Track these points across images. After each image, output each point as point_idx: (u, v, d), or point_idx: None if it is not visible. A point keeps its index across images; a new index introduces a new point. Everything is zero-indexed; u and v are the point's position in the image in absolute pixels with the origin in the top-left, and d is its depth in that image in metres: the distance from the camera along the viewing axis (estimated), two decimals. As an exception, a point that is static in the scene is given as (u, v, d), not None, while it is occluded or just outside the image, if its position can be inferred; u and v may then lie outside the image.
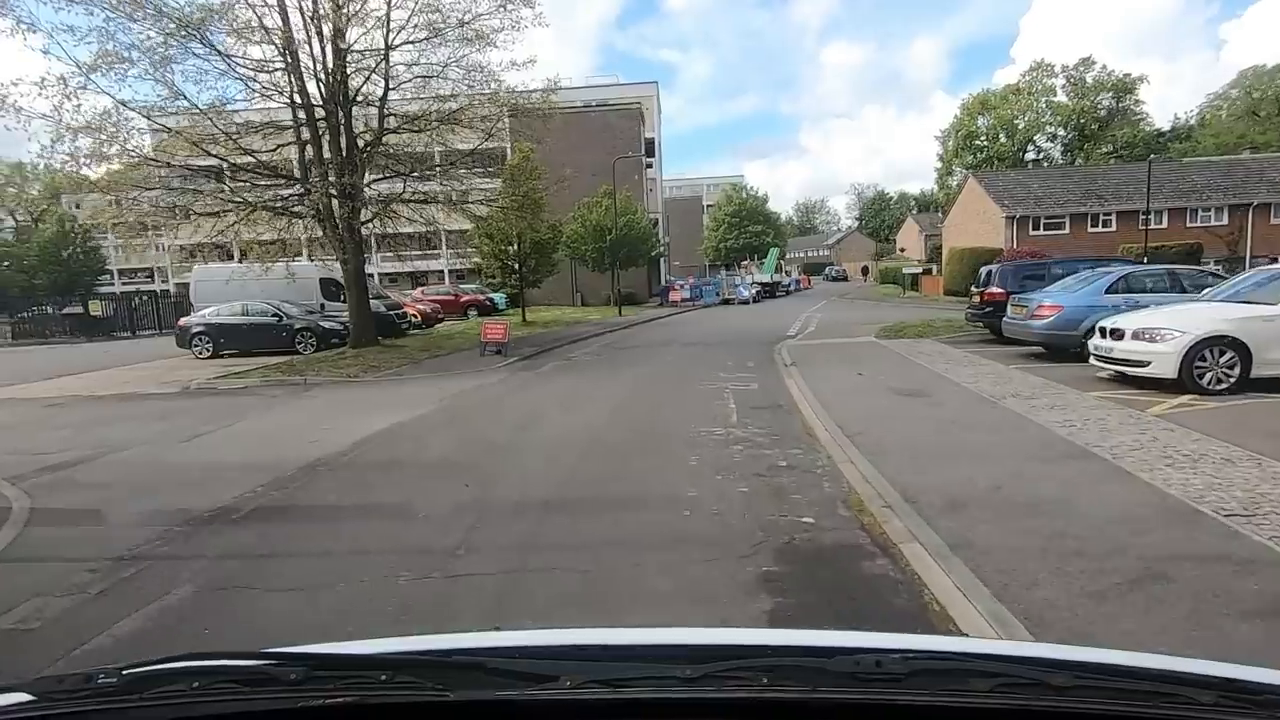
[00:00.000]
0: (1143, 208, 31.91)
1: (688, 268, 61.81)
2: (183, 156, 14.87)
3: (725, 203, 67.50)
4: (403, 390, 11.46)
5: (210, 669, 0.99)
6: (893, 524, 4.56)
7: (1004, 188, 36.74)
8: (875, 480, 5.46)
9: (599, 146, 35.53)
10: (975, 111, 66.62)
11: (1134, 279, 10.73)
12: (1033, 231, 34.36)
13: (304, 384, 12.40)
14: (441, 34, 15.22)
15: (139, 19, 12.69)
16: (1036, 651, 1.20)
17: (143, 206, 14.93)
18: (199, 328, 17.96)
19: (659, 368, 13.36)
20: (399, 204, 17.36)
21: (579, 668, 0.94)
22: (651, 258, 39.76)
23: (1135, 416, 7.04)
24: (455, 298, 31.04)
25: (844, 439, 6.77)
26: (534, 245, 24.56)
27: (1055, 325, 10.46)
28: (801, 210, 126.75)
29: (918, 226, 69.17)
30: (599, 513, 5.20)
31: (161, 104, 14.46)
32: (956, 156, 67.26)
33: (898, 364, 11.83)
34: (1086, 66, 65.03)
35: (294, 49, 14.60)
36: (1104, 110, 64.22)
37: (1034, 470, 5.53)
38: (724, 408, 8.68)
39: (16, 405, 11.60)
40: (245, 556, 4.53)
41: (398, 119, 16.39)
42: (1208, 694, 0.87)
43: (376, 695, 0.90)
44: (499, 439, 7.64)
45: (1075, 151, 64.29)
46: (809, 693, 0.88)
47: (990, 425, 7.13)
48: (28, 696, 0.93)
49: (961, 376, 10.03)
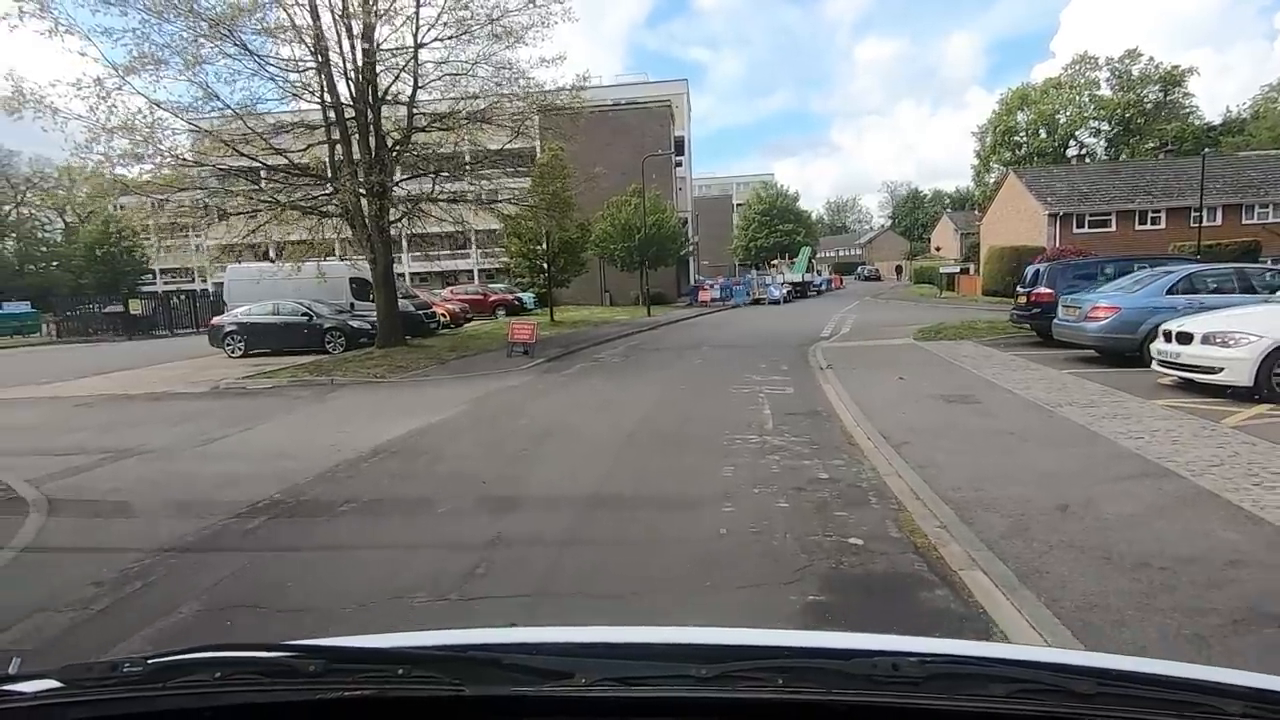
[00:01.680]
0: (1194, 204, 30.57)
1: (716, 267, 61.19)
2: (216, 156, 14.91)
3: (755, 201, 66.70)
4: (427, 392, 11.27)
5: (232, 660, 1.00)
6: (950, 548, 4.15)
7: (1046, 184, 35.54)
8: (926, 496, 5.04)
9: (628, 145, 35.23)
10: (1014, 107, 64.87)
11: (1198, 278, 10.04)
12: (1076, 229, 33.16)
13: (330, 384, 12.29)
14: (471, 31, 15.03)
15: (172, 19, 12.71)
16: (1058, 657, 1.16)
17: (182, 205, 15.00)
18: (231, 327, 18.08)
19: (689, 370, 12.99)
20: (427, 203, 17.27)
21: (593, 665, 0.94)
22: (680, 257, 39.34)
23: (1210, 428, 6.48)
24: (484, 297, 31.01)
25: (889, 450, 6.35)
26: (563, 244, 24.34)
27: (1111, 328, 9.83)
28: (832, 209, 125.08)
29: (953, 225, 67.62)
30: (632, 526, 4.88)
31: (194, 105, 14.57)
32: (994, 153, 65.58)
33: (939, 367, 11.29)
34: (1132, 59, 62.93)
35: (324, 48, 14.53)
36: (1150, 103, 62.04)
37: (1103, 488, 5.05)
38: (758, 413, 8.28)
39: (51, 404, 11.67)
40: (278, 550, 4.32)
41: (426, 118, 16.27)
42: (1235, 704, 0.84)
43: (394, 688, 0.91)
44: (524, 445, 7.35)
45: (1120, 146, 62.20)
46: (825, 694, 0.87)
47: (1048, 436, 6.63)
48: (56, 683, 0.94)
49: (1011, 382, 9.48)
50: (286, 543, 4.79)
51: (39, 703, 0.92)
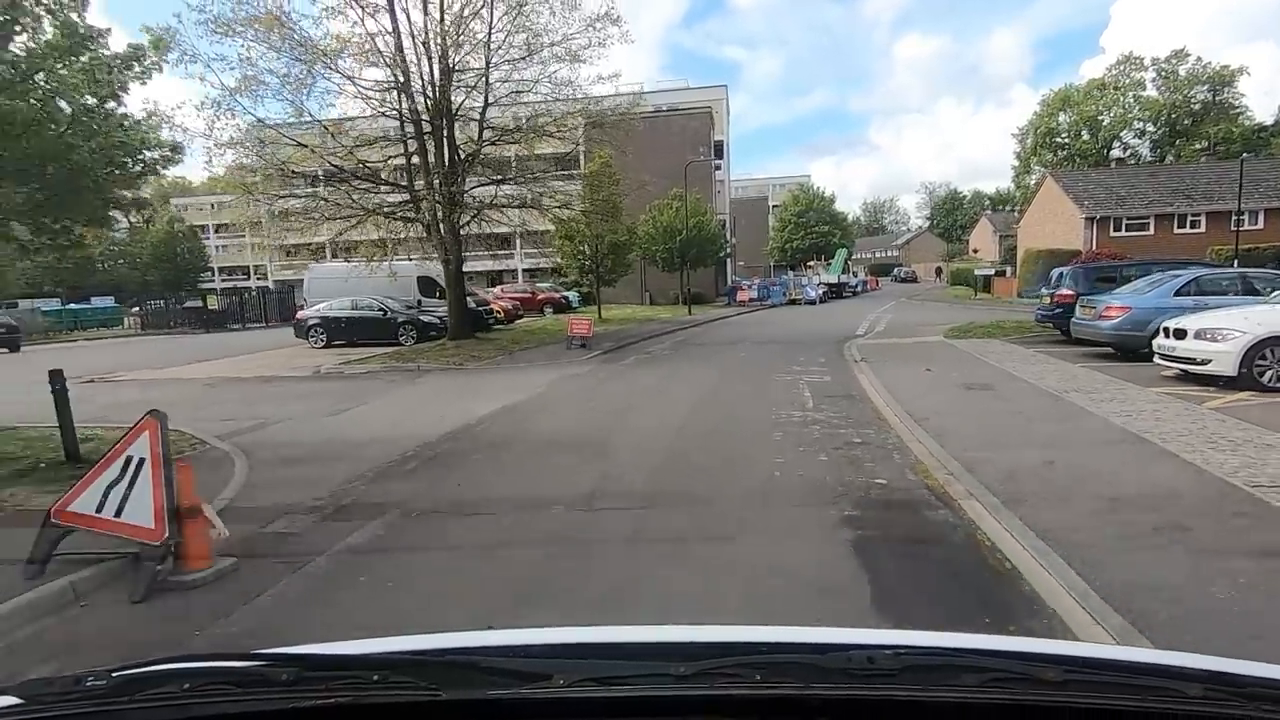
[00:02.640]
0: (1235, 208, 30.73)
1: (752, 268, 62.16)
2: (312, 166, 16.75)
3: (791, 203, 67.49)
4: (505, 377, 12.80)
5: (201, 670, 1.00)
6: (954, 486, 5.42)
7: (1083, 187, 35.84)
8: (940, 455, 6.29)
9: (669, 149, 36.55)
10: (1056, 108, 64.46)
11: (1205, 281, 11.01)
12: (1114, 232, 33.47)
13: (417, 370, 13.92)
14: (536, 53, 16.58)
15: (282, 50, 14.51)
16: (1028, 646, 1.23)
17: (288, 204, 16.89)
18: (314, 320, 19.96)
19: (735, 361, 14.31)
20: (491, 209, 18.90)
21: (571, 666, 0.96)
22: (719, 258, 40.55)
23: (1191, 409, 7.59)
24: (533, 295, 32.73)
25: (912, 423, 7.59)
26: (611, 246, 25.83)
27: (1122, 326, 10.88)
28: (869, 210, 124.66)
29: (991, 226, 67.35)
30: (702, 472, 6.25)
31: (290, 120, 16.43)
32: (1035, 154, 65.26)
33: (965, 361, 12.42)
34: (1179, 59, 62.04)
35: (406, 71, 16.21)
36: (1198, 104, 61.10)
37: (1086, 451, 6.25)
38: (800, 395, 9.59)
39: (180, 385, 13.52)
40: (424, 498, 5.78)
41: (494, 131, 17.88)
42: (1196, 686, 0.87)
43: (369, 695, 0.91)
44: (604, 418, 8.79)
45: (1165, 148, 61.41)
46: (802, 689, 0.89)
47: (1051, 415, 7.80)
48: (16, 700, 0.93)
49: (1027, 373, 10.59)
50: (440, 477, 6.28)
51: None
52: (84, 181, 5.85)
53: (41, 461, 6.58)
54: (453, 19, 16.13)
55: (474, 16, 16.30)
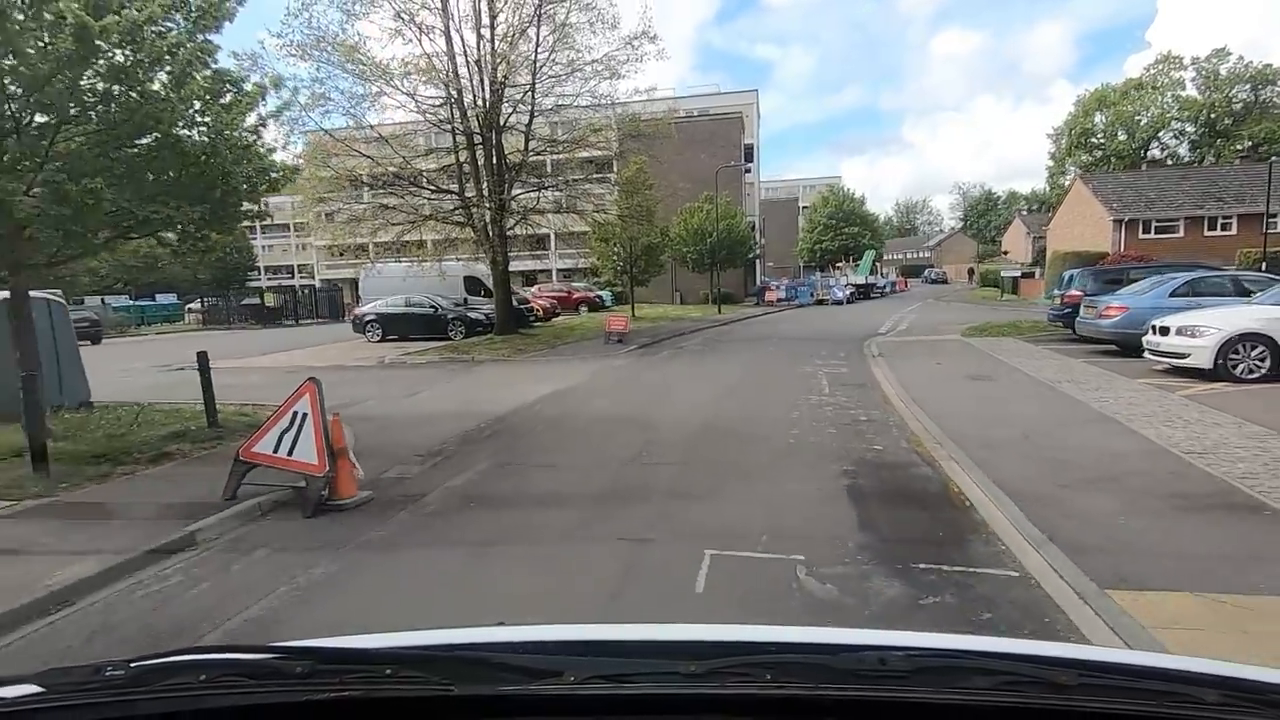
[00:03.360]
0: (1275, 209, 30.85)
1: (781, 268, 62.98)
2: (375, 173, 18.38)
3: (821, 204, 67.96)
4: (552, 368, 14.15)
5: (217, 662, 1.02)
6: (938, 452, 6.56)
7: (1112, 190, 36.09)
8: (934, 430, 7.42)
9: (701, 153, 37.71)
10: (1092, 108, 64.03)
11: (1198, 283, 11.87)
12: (1143, 235, 33.71)
13: (472, 361, 15.36)
14: (579, 70, 17.96)
15: (351, 71, 16.09)
16: (1041, 650, 1.24)
17: (354, 209, 18.55)
18: (371, 317, 21.60)
19: (761, 355, 15.47)
20: (534, 213, 20.34)
21: (582, 663, 0.96)
22: (748, 259, 41.59)
23: (1164, 397, 8.58)
24: (569, 294, 34.19)
25: (915, 406, 8.70)
26: (645, 248, 27.13)
27: (1120, 324, 11.79)
28: (901, 210, 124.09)
29: (1025, 228, 67.05)
30: (734, 438, 7.48)
31: (353, 133, 18.04)
32: (1070, 155, 64.92)
33: (975, 357, 13.41)
34: (1220, 58, 61.16)
35: (460, 87, 17.70)
36: (1240, 104, 60.20)
37: (1060, 428, 7.32)
38: (818, 383, 10.75)
39: (265, 371, 15.15)
40: (503, 455, 7.10)
41: (539, 141, 19.31)
42: (1212, 693, 0.87)
43: (381, 689, 0.92)
44: (645, 400, 10.06)
45: (1204, 149, 60.64)
46: (812, 689, 0.90)
47: (1038, 400, 8.85)
48: (36, 689, 0.95)
49: (1029, 367, 11.58)
50: (511, 442, 7.60)
51: (17, 709, 0.92)
52: (234, 199, 7.31)
53: (191, 427, 8.07)
54: (502, 38, 17.58)
55: (520, 36, 17.72)
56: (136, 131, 6.34)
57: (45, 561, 4.33)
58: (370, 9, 16.52)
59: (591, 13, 17.63)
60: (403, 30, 17.21)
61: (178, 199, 6.65)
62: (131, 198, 6.29)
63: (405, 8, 16.75)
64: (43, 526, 5.08)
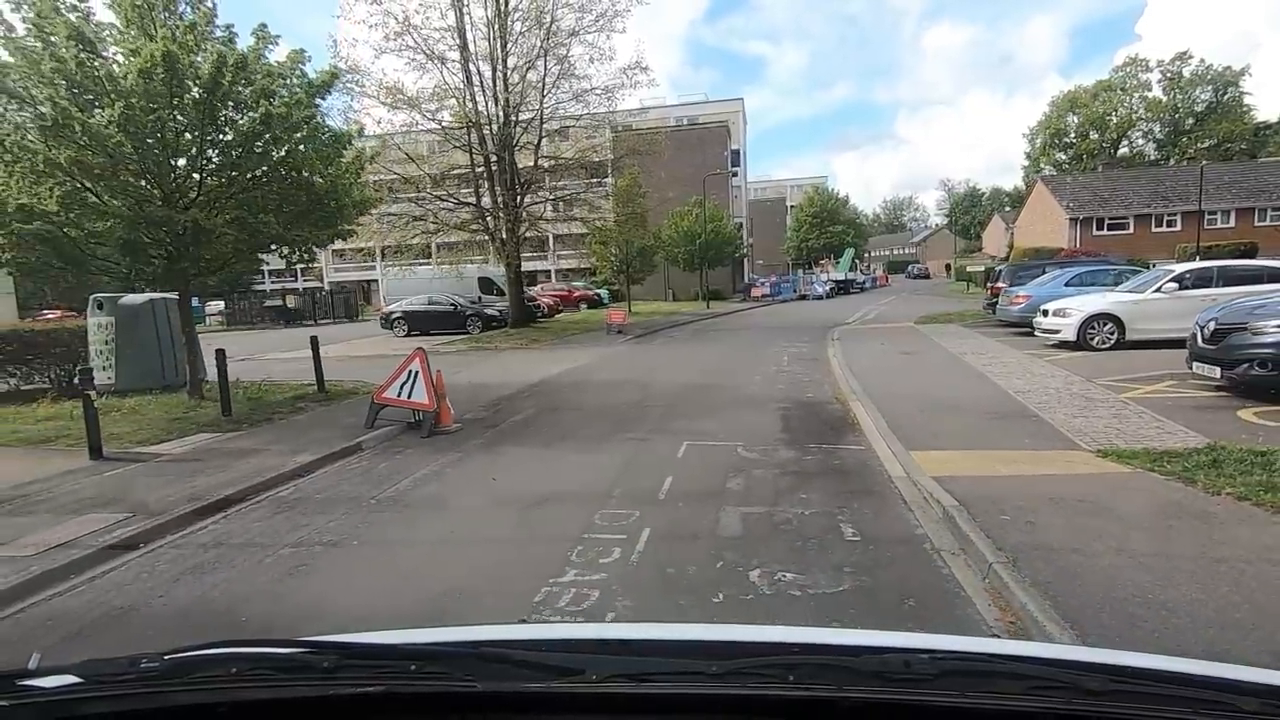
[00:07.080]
0: (1209, 207, 33.91)
1: (770, 266, 65.90)
2: (405, 189, 21.13)
3: (807, 204, 71.03)
4: (564, 352, 16.91)
5: (248, 655, 1.05)
6: (852, 400, 9.35)
7: (1069, 190, 39.07)
8: (856, 387, 10.18)
9: (690, 160, 40.47)
10: (1064, 109, 67.21)
11: (1086, 275, 14.73)
12: (1097, 232, 36.70)
13: (495, 349, 18.10)
14: (580, 97, 20.74)
15: (385, 100, 18.82)
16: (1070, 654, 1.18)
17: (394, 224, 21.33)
18: (398, 314, 24.31)
19: (740, 341, 18.28)
20: (541, 220, 23.13)
21: (604, 661, 0.98)
22: (735, 258, 44.41)
23: (1033, 361, 11.39)
24: (570, 293, 36.97)
25: (848, 372, 11.48)
26: (639, 250, 29.93)
27: (1024, 310, 14.63)
28: (889, 207, 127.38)
29: (1003, 224, 70.01)
30: (708, 391, 10.26)
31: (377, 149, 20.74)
32: (1044, 154, 68.13)
33: (914, 339, 16.23)
34: (1183, 61, 64.37)
35: (478, 112, 20.44)
36: (1201, 105, 63.42)
37: (944, 384, 10.11)
38: (780, 358, 13.56)
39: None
40: (544, 403, 9.85)
41: (547, 159, 22.08)
42: (1251, 700, 0.85)
43: (407, 684, 0.95)
44: (643, 371, 12.84)
45: (1170, 148, 63.86)
46: (836, 691, 0.89)
47: (941, 367, 11.66)
48: (75, 679, 0.97)
49: (952, 346, 14.39)
50: (544, 399, 10.36)
51: (58, 698, 0.94)
52: (343, 222, 10.05)
53: (306, 393, 10.81)
54: (514, 69, 20.32)
55: (530, 68, 20.47)
56: (285, 179, 9.08)
57: (278, 457, 7.07)
58: (401, 49, 19.25)
59: (592, 49, 20.43)
60: (425, 65, 19.97)
61: (310, 225, 9.39)
62: (283, 224, 9.02)
63: (430, 48, 19.49)
64: (256, 440, 7.84)
